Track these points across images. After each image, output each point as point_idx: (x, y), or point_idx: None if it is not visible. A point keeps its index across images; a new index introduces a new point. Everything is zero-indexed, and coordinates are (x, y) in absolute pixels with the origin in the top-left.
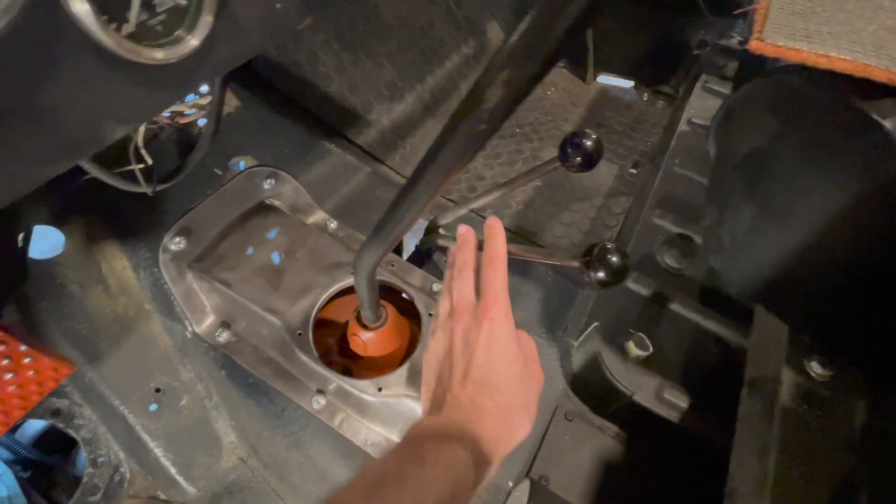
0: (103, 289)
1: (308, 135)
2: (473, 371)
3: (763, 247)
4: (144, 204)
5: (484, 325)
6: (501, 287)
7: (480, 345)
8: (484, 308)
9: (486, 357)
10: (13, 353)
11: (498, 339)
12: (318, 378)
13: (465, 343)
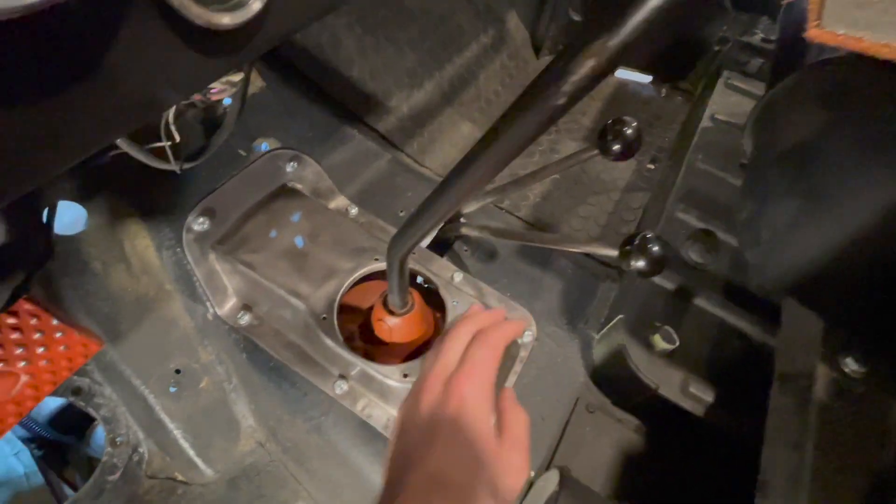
0: (126, 268)
1: (329, 119)
2: (432, 464)
3: (806, 240)
4: (168, 183)
5: (452, 403)
6: (484, 359)
7: (444, 433)
8: (457, 381)
9: (446, 451)
10: (45, 327)
11: (466, 427)
12: (341, 363)
13: (429, 424)
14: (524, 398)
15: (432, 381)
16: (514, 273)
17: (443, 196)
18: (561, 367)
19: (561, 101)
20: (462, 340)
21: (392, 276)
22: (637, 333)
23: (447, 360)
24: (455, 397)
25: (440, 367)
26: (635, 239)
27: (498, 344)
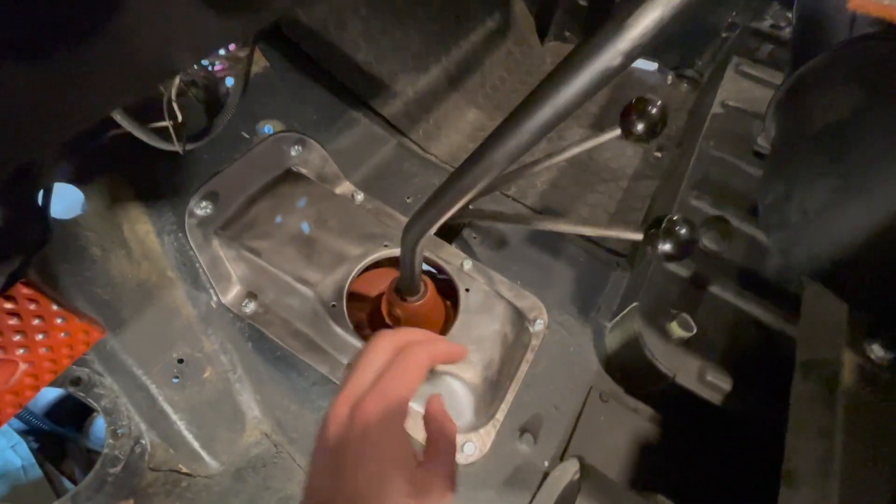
0: (125, 253)
1: (334, 102)
2: (339, 500)
3: (838, 222)
4: (169, 165)
5: (356, 432)
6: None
7: (349, 465)
8: (363, 408)
9: (354, 485)
10: (45, 313)
11: (371, 459)
12: (352, 351)
13: (336, 456)
14: (536, 387)
15: (339, 406)
16: (523, 261)
17: (467, 175)
18: (573, 356)
19: (616, 62)
20: (378, 358)
21: (406, 261)
22: (652, 321)
23: (358, 380)
24: (359, 426)
25: (349, 390)
26: (661, 222)
27: (421, 362)
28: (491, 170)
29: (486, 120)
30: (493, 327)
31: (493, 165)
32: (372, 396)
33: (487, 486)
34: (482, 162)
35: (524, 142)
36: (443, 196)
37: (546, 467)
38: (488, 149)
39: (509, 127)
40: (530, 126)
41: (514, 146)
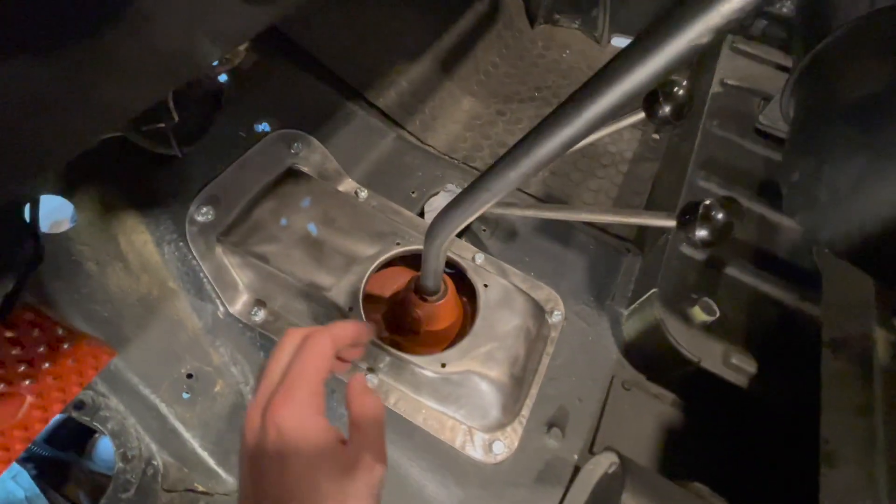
0: (123, 266)
1: (330, 96)
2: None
3: (872, 199)
4: (164, 170)
5: (271, 436)
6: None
7: (271, 472)
8: (272, 411)
9: (279, 492)
10: (50, 340)
11: (291, 459)
12: (370, 355)
13: (256, 465)
14: (559, 380)
15: (252, 413)
16: (535, 252)
17: (506, 171)
18: (593, 346)
19: (702, 40)
20: (283, 357)
21: (429, 261)
22: (673, 307)
23: (266, 385)
24: (272, 429)
25: (260, 396)
26: (695, 207)
27: (320, 349)
28: (537, 165)
29: (482, 108)
30: (515, 322)
31: (539, 161)
32: (279, 397)
33: (519, 484)
34: (526, 158)
35: (579, 133)
36: (474, 195)
37: (576, 460)
38: (532, 145)
39: (560, 118)
40: (589, 115)
41: (567, 137)
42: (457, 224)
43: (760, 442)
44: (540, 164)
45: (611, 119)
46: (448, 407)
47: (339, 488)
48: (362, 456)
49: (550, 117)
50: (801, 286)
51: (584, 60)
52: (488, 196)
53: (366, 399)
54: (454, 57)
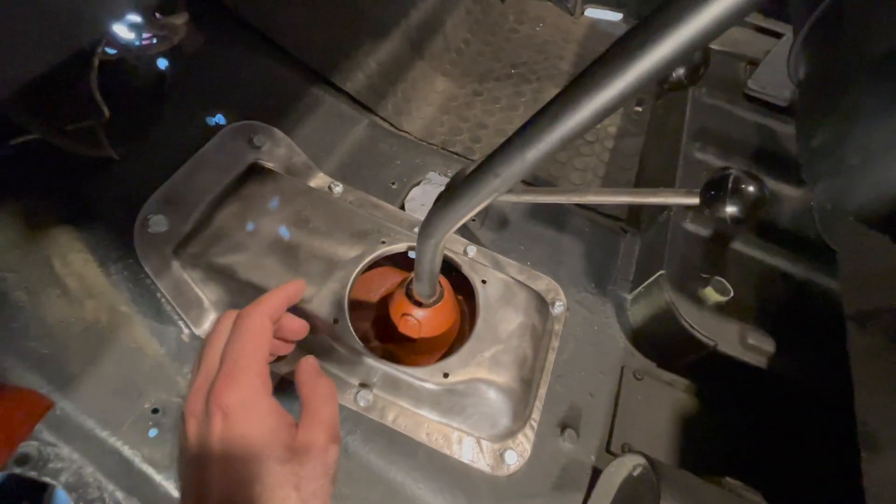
0: (61, 292)
1: (290, 81)
2: (214, 496)
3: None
4: (101, 176)
5: (216, 422)
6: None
7: (216, 460)
8: (215, 395)
9: (225, 473)
10: None
11: (237, 446)
12: (361, 371)
13: (201, 454)
14: (567, 376)
15: (193, 400)
16: (529, 239)
17: (528, 147)
18: (599, 336)
19: None
20: (220, 340)
21: (423, 261)
22: (683, 288)
23: (206, 368)
24: (217, 415)
25: (200, 380)
26: (726, 181)
27: (257, 324)
28: (563, 139)
29: (457, 88)
30: (519, 320)
31: (566, 135)
32: (222, 380)
33: (535, 494)
34: (546, 133)
35: (599, 112)
36: (480, 182)
37: (593, 461)
38: (540, 129)
39: (597, 78)
40: (607, 94)
41: (587, 117)
42: (457, 218)
43: (785, 425)
44: (566, 138)
45: (633, 96)
46: (453, 419)
47: (291, 470)
48: (315, 436)
49: (584, 78)
50: (807, 257)
51: (559, 33)
52: (498, 183)
53: (317, 380)
54: (423, 34)
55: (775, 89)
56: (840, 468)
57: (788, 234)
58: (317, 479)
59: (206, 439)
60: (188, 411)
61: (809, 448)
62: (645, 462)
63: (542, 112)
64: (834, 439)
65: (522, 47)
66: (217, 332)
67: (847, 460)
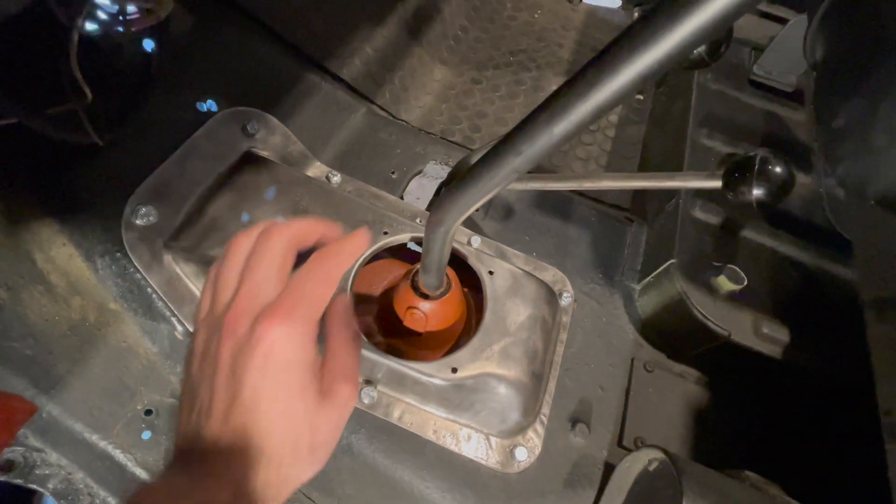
0: (45, 289)
1: (285, 67)
2: (236, 417)
3: None
4: (85, 165)
5: (262, 347)
6: (315, 295)
7: (249, 380)
8: (270, 321)
9: (254, 399)
10: None
11: (277, 371)
12: (364, 367)
13: (231, 369)
14: (576, 370)
15: (235, 315)
16: (535, 229)
17: (554, 121)
18: (608, 327)
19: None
20: (276, 258)
21: (432, 251)
22: (694, 278)
23: (257, 288)
24: (265, 343)
25: (247, 298)
26: (752, 162)
27: (333, 275)
28: (579, 123)
29: (455, 77)
30: (528, 311)
31: (581, 118)
32: (284, 307)
33: (546, 491)
34: (564, 116)
35: (638, 79)
36: (498, 163)
37: (605, 456)
38: (571, 100)
39: (613, 60)
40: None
41: (626, 84)
42: (471, 203)
43: (802, 416)
44: (601, 109)
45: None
46: (461, 415)
47: (311, 419)
48: (339, 388)
49: (624, 42)
50: (818, 245)
51: (557, 21)
52: (520, 162)
53: (347, 327)
54: (420, 21)
55: (781, 75)
56: (861, 460)
57: (799, 221)
58: (331, 428)
59: (243, 364)
60: (229, 324)
61: (827, 439)
62: (661, 456)
63: (572, 82)
64: (853, 430)
65: (521, 35)
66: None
67: (869, 451)
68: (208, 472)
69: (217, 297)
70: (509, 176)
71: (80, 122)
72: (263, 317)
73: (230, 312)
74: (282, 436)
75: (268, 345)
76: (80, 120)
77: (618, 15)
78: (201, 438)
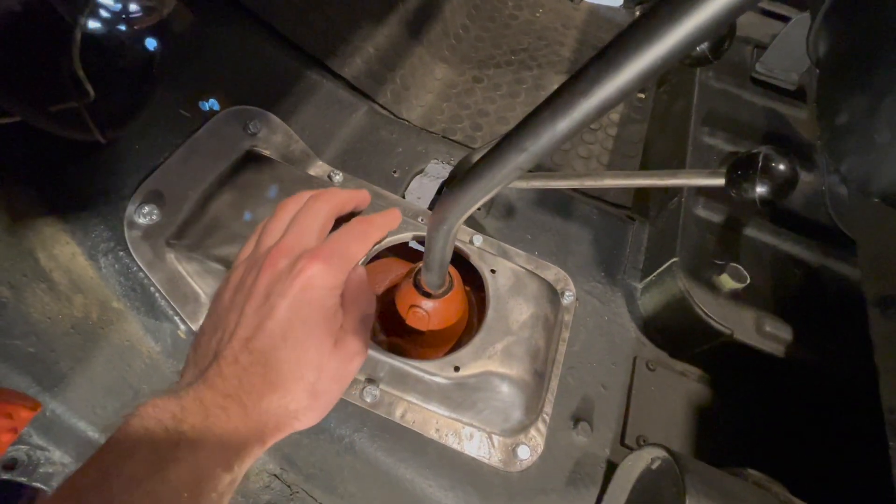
0: (47, 287)
1: (286, 65)
2: (259, 340)
3: None
4: (87, 163)
5: (298, 282)
6: (351, 249)
7: (281, 307)
8: (311, 258)
9: (280, 327)
10: None
11: (303, 315)
12: (367, 365)
13: (265, 296)
14: (578, 368)
15: (282, 251)
16: (536, 227)
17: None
18: (610, 326)
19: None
20: (320, 216)
21: (435, 249)
22: (697, 276)
23: (301, 236)
24: (303, 276)
25: (293, 239)
26: (755, 159)
27: (369, 236)
28: (583, 119)
29: (456, 75)
30: (531, 310)
31: (585, 114)
32: (325, 250)
33: (549, 489)
34: (568, 112)
35: (645, 73)
36: (502, 160)
37: (608, 455)
38: (575, 95)
39: (617, 54)
40: (659, 49)
41: (632, 78)
42: (474, 201)
43: (804, 414)
44: (606, 104)
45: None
46: (463, 414)
47: (321, 361)
48: (349, 340)
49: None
50: (821, 242)
51: (559, 19)
52: (523, 159)
53: (362, 294)
54: (421, 19)
55: (783, 73)
56: (864, 458)
57: (801, 219)
58: (335, 378)
59: (278, 293)
60: (269, 261)
61: (830, 438)
62: (664, 454)
63: (576, 78)
64: (856, 428)
65: (522, 33)
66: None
67: (872, 450)
68: (219, 389)
69: (262, 241)
70: (513, 173)
71: (83, 120)
72: (305, 255)
73: (274, 250)
74: (291, 368)
75: (306, 278)
76: (82, 118)
77: (619, 14)
78: (219, 359)
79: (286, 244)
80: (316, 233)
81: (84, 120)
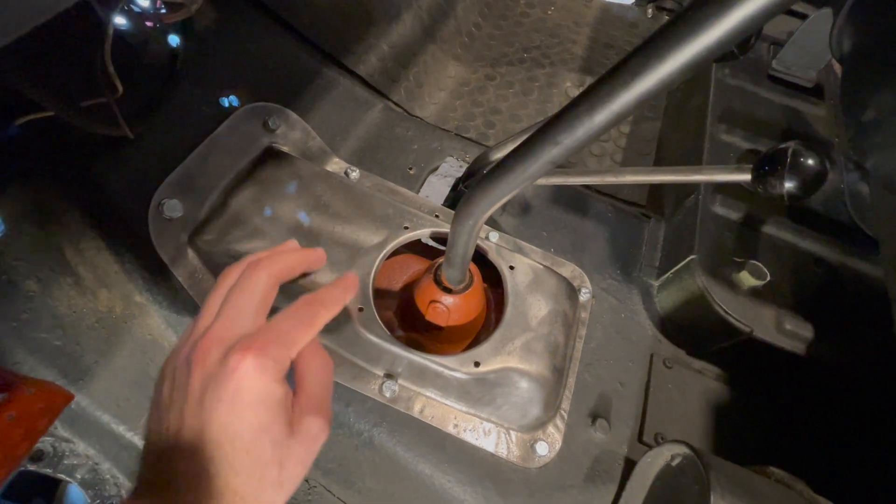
0: (74, 281)
1: (304, 63)
2: (207, 450)
3: None
4: (112, 158)
5: (233, 381)
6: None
7: (219, 414)
8: (243, 354)
9: (224, 434)
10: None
11: (246, 407)
12: (386, 360)
13: (200, 400)
14: (596, 365)
15: (212, 340)
16: (552, 224)
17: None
18: (627, 323)
19: None
20: (257, 292)
21: (458, 245)
22: (715, 273)
23: (234, 319)
24: (236, 377)
25: (224, 326)
26: (783, 154)
27: (316, 320)
28: (621, 111)
29: (469, 73)
30: (549, 306)
31: (624, 106)
32: (258, 343)
33: (567, 486)
34: (607, 104)
35: (686, 66)
36: (534, 154)
37: (625, 452)
38: (615, 88)
39: (659, 47)
40: (701, 43)
41: (651, 85)
42: (502, 195)
43: (825, 412)
44: (647, 95)
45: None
46: (482, 409)
47: (279, 454)
48: (310, 423)
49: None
50: (841, 240)
51: (571, 17)
52: (557, 152)
53: (314, 359)
54: (434, 17)
55: (801, 70)
56: (886, 456)
57: (820, 216)
58: (300, 462)
59: (213, 392)
60: (200, 354)
61: (851, 435)
62: (685, 451)
63: (615, 71)
64: (878, 427)
65: (534, 31)
66: (253, 286)
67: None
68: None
69: (197, 323)
70: (544, 167)
71: (112, 115)
72: (237, 349)
73: (204, 340)
74: (249, 471)
75: (238, 378)
76: (111, 113)
77: (631, 11)
78: (169, 468)
79: (215, 332)
80: (252, 314)
81: (114, 115)
